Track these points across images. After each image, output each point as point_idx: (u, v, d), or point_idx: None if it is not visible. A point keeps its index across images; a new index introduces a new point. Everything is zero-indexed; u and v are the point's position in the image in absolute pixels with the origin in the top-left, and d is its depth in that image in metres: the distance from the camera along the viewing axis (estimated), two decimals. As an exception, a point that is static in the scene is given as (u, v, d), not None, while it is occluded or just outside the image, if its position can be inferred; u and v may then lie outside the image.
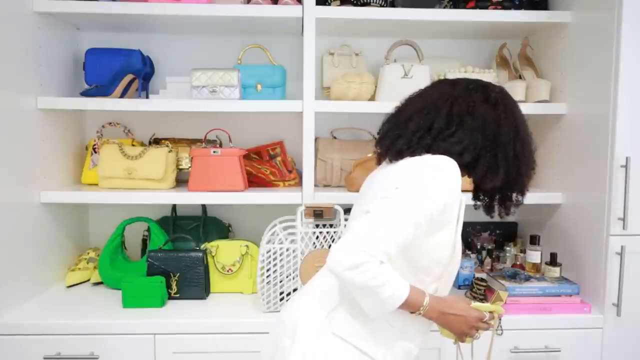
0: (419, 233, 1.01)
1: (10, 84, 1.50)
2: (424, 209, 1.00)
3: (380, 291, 0.97)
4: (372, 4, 1.71)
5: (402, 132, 1.13)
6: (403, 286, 1.01)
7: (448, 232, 1.08)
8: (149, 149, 1.74)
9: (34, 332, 1.44)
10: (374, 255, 0.95)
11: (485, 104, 1.13)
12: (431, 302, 1.05)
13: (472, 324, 1.10)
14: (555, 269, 1.63)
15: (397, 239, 0.97)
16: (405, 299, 1.00)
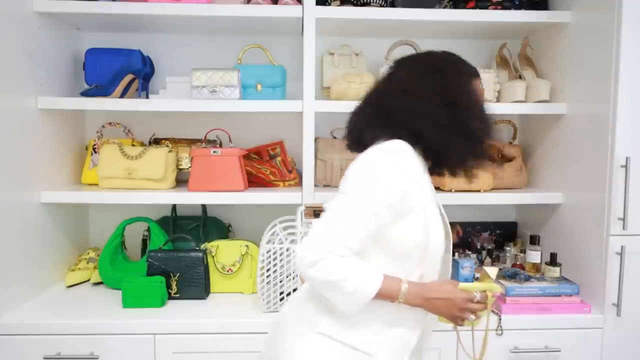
0: (384, 222, 1.02)
1: (10, 84, 1.50)
2: (380, 199, 1.00)
3: (343, 285, 0.98)
4: (372, 4, 1.71)
5: (359, 123, 1.15)
6: (372, 277, 1.01)
7: (416, 216, 1.05)
8: (149, 149, 1.74)
9: (34, 332, 1.44)
10: (331, 250, 0.97)
11: (424, 77, 1.11)
12: (410, 289, 1.03)
13: (461, 306, 1.06)
14: (555, 269, 1.63)
15: (357, 232, 0.99)
16: (377, 290, 1.00)
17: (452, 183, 1.73)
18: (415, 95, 1.08)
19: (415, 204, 1.05)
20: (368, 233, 1.01)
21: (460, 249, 1.95)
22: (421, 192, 1.06)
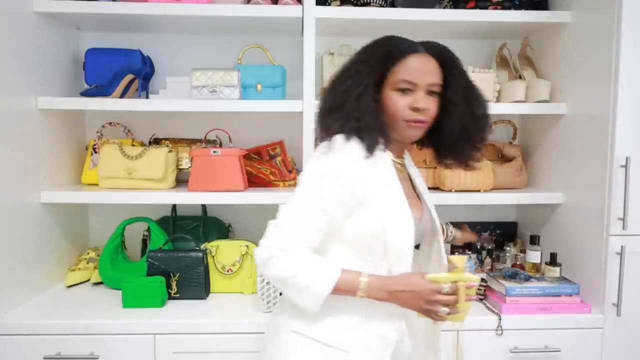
0: (337, 217, 1.03)
1: (10, 84, 1.50)
2: (325, 194, 1.02)
3: (295, 281, 1.00)
4: (372, 4, 1.71)
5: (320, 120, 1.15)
6: (327, 272, 1.01)
7: (371, 208, 1.05)
8: (149, 149, 1.74)
9: (34, 332, 1.44)
10: (280, 248, 1.00)
11: (348, 63, 1.14)
12: (371, 282, 1.02)
13: (428, 299, 1.02)
14: (555, 269, 1.63)
15: (306, 229, 1.02)
16: (332, 284, 1.00)
17: (453, 183, 1.73)
18: (335, 82, 1.12)
19: (367, 195, 1.04)
20: (318, 229, 1.02)
21: (460, 249, 1.95)
22: (373, 183, 1.05)
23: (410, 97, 1.08)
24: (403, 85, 1.08)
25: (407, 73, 1.07)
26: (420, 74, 1.08)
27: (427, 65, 1.09)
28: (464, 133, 1.15)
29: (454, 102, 1.12)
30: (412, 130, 1.10)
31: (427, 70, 1.08)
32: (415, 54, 1.08)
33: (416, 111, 1.08)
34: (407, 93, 1.08)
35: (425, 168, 1.81)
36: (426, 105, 1.08)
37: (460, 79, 1.13)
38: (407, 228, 1.07)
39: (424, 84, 1.08)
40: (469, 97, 1.14)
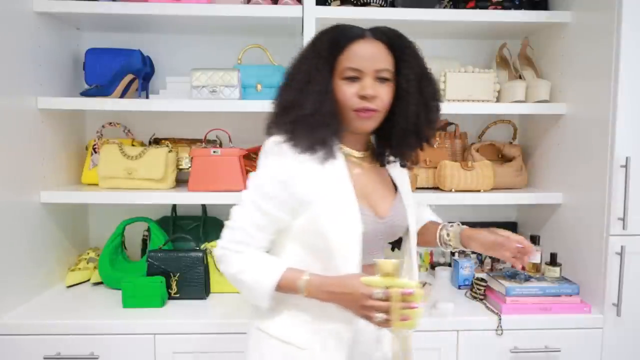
0: (279, 216, 1.04)
1: (10, 84, 1.50)
2: (265, 196, 1.04)
3: (242, 278, 1.04)
4: (372, 4, 1.71)
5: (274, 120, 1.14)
6: (270, 269, 1.03)
7: (315, 208, 1.02)
8: (149, 149, 1.74)
9: (34, 332, 1.44)
10: (227, 247, 1.05)
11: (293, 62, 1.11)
12: (312, 281, 1.01)
13: (361, 303, 0.96)
14: (555, 269, 1.63)
15: (250, 230, 1.05)
16: (275, 281, 1.02)
17: (453, 183, 1.73)
18: (287, 79, 1.08)
19: (309, 195, 1.02)
20: (263, 229, 1.05)
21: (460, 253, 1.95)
22: (314, 182, 1.02)
23: (358, 84, 1.03)
24: (349, 73, 1.03)
25: (353, 60, 1.03)
26: (366, 59, 1.03)
27: (374, 50, 1.04)
28: (416, 125, 1.09)
29: (406, 89, 1.06)
30: (362, 121, 1.05)
31: (373, 56, 1.03)
32: (361, 40, 1.04)
33: (364, 99, 1.03)
34: (354, 81, 1.03)
35: (426, 168, 1.81)
36: (374, 92, 1.03)
37: (413, 65, 1.07)
38: (351, 227, 1.03)
39: (371, 70, 1.03)
40: (421, 86, 1.08)
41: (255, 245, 1.06)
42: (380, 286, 0.94)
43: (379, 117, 1.07)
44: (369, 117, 1.05)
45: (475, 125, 1.99)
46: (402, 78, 1.06)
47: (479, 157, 1.83)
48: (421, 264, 1.99)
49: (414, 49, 1.08)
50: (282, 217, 1.05)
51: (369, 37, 1.05)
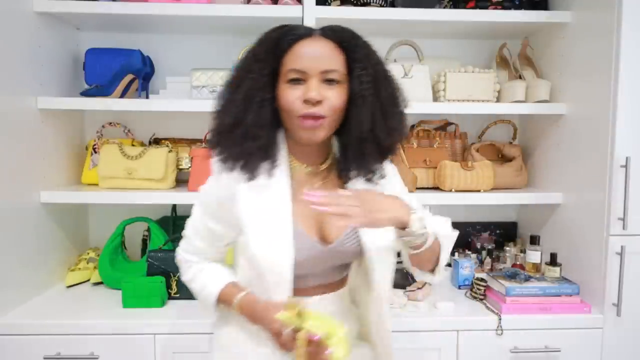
0: (226, 233, 1.03)
1: (10, 84, 1.50)
2: (204, 210, 1.04)
3: (192, 287, 1.08)
4: (372, 4, 1.71)
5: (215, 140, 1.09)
6: (213, 283, 1.05)
7: (248, 229, 0.97)
8: (149, 149, 1.74)
9: (34, 332, 1.44)
10: (181, 255, 1.10)
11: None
12: (243, 302, 0.99)
13: (274, 337, 0.94)
14: (555, 269, 1.63)
15: (197, 243, 1.07)
16: (215, 295, 1.03)
17: (453, 183, 1.73)
18: (226, 90, 1.00)
19: (242, 218, 0.97)
20: (207, 241, 1.06)
21: (460, 249, 1.95)
22: (247, 204, 0.96)
23: (303, 88, 0.92)
24: (292, 75, 0.92)
25: (296, 60, 0.92)
26: (310, 59, 0.92)
27: (321, 49, 0.93)
28: (372, 133, 0.96)
29: (359, 93, 0.94)
30: (307, 130, 0.93)
31: (320, 55, 0.93)
32: (307, 39, 0.94)
33: (308, 104, 0.91)
34: (299, 84, 0.92)
35: (426, 168, 1.81)
36: (319, 95, 0.91)
37: (366, 65, 0.95)
38: (281, 255, 0.95)
39: (317, 71, 0.92)
40: (378, 89, 0.96)
41: (205, 256, 1.08)
42: (292, 325, 0.89)
43: (328, 126, 0.94)
44: (316, 126, 0.93)
45: (475, 125, 1.99)
46: (355, 80, 0.94)
47: (479, 157, 1.83)
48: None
49: (369, 48, 0.98)
50: (225, 233, 1.03)
51: (317, 35, 0.95)
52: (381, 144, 0.98)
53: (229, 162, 0.95)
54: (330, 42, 0.95)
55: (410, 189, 1.71)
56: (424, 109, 1.72)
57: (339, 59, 0.95)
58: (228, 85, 0.97)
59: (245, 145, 0.93)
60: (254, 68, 0.93)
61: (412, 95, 1.68)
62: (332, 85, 0.93)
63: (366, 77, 0.95)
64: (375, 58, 0.98)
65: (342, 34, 0.96)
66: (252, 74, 0.93)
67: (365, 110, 0.94)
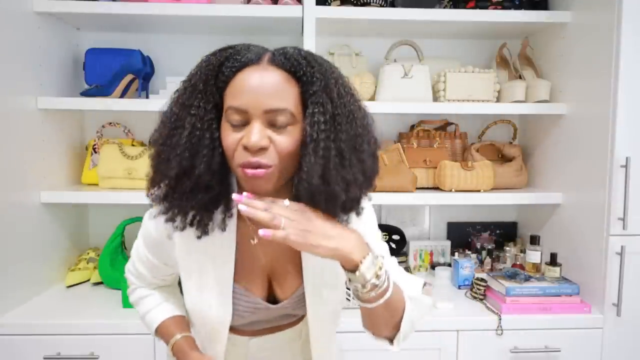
0: (160, 266, 0.96)
1: (10, 84, 1.50)
2: (143, 243, 0.97)
3: (138, 310, 1.05)
4: (372, 4, 1.71)
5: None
6: (154, 316, 1.00)
7: (185, 280, 0.90)
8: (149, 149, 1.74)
9: (34, 332, 1.44)
10: (129, 279, 1.05)
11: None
12: (177, 346, 0.93)
13: None
14: (555, 269, 1.63)
15: (139, 268, 1.00)
16: (154, 329, 0.99)
17: (453, 183, 1.73)
18: (162, 130, 0.81)
19: (180, 267, 0.89)
20: (148, 269, 0.99)
21: (460, 249, 1.95)
22: (187, 255, 0.88)
23: (242, 131, 0.75)
24: (231, 115, 0.75)
25: (236, 96, 0.74)
26: (252, 95, 0.73)
27: (266, 82, 0.74)
28: (323, 188, 0.75)
29: (312, 137, 0.74)
30: (250, 181, 0.75)
31: (264, 90, 0.74)
32: (251, 67, 0.75)
33: (247, 151, 0.74)
34: (241, 124, 0.75)
35: (426, 168, 1.81)
36: (261, 141, 0.73)
37: (325, 101, 0.75)
38: (217, 315, 0.87)
39: (259, 111, 0.73)
40: (336, 130, 0.75)
41: (148, 282, 1.03)
42: None
43: (275, 176, 0.76)
44: (259, 175, 0.74)
45: (475, 125, 1.99)
46: (308, 119, 0.75)
47: (479, 157, 1.84)
48: (421, 264, 1.99)
49: (331, 78, 0.77)
50: (165, 268, 0.97)
51: (264, 63, 0.76)
52: (336, 199, 0.76)
53: (178, 219, 0.80)
54: (281, 71, 0.76)
55: (410, 189, 1.72)
56: (424, 109, 1.73)
57: (290, 94, 0.75)
58: (166, 126, 0.78)
59: (197, 199, 0.77)
60: (194, 103, 0.76)
61: (412, 95, 1.72)
62: (279, 129, 0.75)
63: (321, 115, 0.74)
64: (338, 91, 0.77)
65: (295, 60, 0.76)
66: (193, 110, 0.76)
67: (317, 158, 0.74)
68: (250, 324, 0.93)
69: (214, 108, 0.77)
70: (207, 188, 0.77)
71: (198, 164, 0.75)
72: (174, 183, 0.76)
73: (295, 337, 0.99)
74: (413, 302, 0.85)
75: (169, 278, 1.03)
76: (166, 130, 0.78)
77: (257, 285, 0.90)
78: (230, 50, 0.78)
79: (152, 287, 1.04)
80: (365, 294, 0.75)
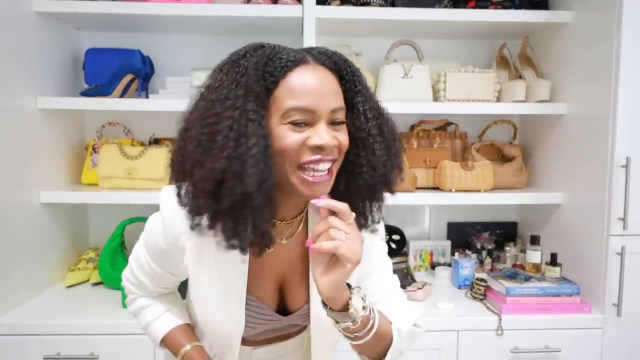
0: (164, 274, 0.91)
1: (10, 84, 1.50)
2: (146, 250, 0.90)
3: (138, 321, 0.99)
4: (372, 3, 1.71)
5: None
6: (160, 325, 0.95)
7: (195, 286, 0.87)
8: (149, 149, 1.74)
9: (34, 332, 1.44)
10: (124, 285, 0.99)
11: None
12: (189, 356, 0.91)
13: None
14: (556, 269, 1.63)
15: (139, 275, 0.94)
16: (160, 339, 0.95)
17: (453, 183, 1.73)
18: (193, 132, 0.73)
19: (190, 274, 0.86)
20: (149, 278, 0.93)
21: (461, 249, 1.95)
22: (199, 264, 0.83)
23: (306, 131, 0.73)
24: (296, 116, 0.72)
25: (299, 96, 0.72)
26: (318, 95, 0.72)
27: (325, 82, 0.74)
28: (385, 177, 0.79)
29: (367, 131, 0.77)
30: (311, 186, 0.73)
31: (326, 90, 0.74)
32: (305, 66, 0.75)
33: (318, 151, 0.72)
34: (302, 126, 0.72)
35: (426, 168, 1.81)
36: (333, 140, 0.73)
37: (367, 98, 0.79)
38: (230, 324, 0.86)
39: (327, 111, 0.73)
40: (380, 123, 0.80)
41: (149, 291, 0.97)
42: None
43: (333, 176, 0.77)
44: (323, 180, 0.74)
45: (475, 125, 1.99)
46: (360, 116, 0.77)
47: (479, 157, 1.83)
48: (421, 264, 2.00)
49: (363, 76, 0.81)
50: (170, 278, 0.92)
51: (313, 63, 0.76)
52: (391, 186, 0.81)
53: (215, 225, 0.73)
54: (329, 71, 0.77)
55: (410, 189, 1.72)
56: (424, 109, 1.72)
57: (340, 93, 0.77)
58: (222, 135, 0.69)
59: (266, 213, 0.72)
60: (249, 106, 0.70)
61: (412, 95, 1.72)
62: (338, 126, 0.75)
63: (369, 112, 0.78)
64: (368, 87, 0.81)
65: (337, 60, 0.79)
66: (251, 115, 0.70)
67: (377, 150, 0.77)
68: (257, 334, 0.92)
69: (263, 109, 0.72)
70: (271, 199, 0.71)
71: (270, 177, 0.70)
72: (248, 199, 0.69)
73: (297, 346, 0.99)
74: (403, 335, 0.85)
75: (172, 286, 1.00)
76: (228, 142, 0.68)
77: (269, 296, 0.88)
78: (268, 49, 0.76)
79: (152, 296, 0.99)
80: (356, 328, 0.75)
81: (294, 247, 0.87)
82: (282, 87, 0.72)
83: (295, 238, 0.87)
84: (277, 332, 0.94)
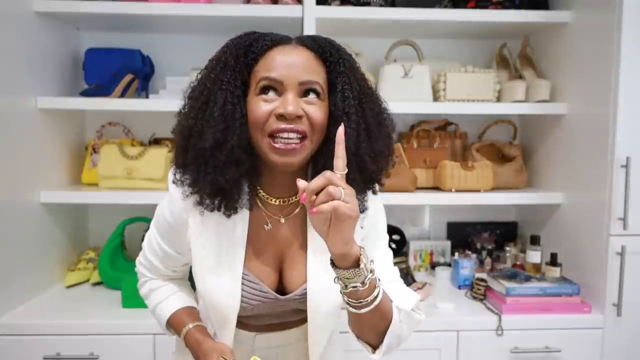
0: (173, 254, 0.97)
1: (10, 84, 1.50)
2: (157, 230, 0.98)
3: (147, 303, 1.05)
4: (372, 3, 1.71)
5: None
6: (165, 307, 1.00)
7: (196, 262, 0.91)
8: (149, 149, 1.74)
9: (34, 332, 1.44)
10: (137, 269, 1.07)
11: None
12: (190, 334, 0.94)
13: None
14: (556, 269, 1.63)
15: (151, 258, 1.01)
16: (166, 319, 0.99)
17: (453, 183, 1.73)
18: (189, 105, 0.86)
19: (192, 250, 0.90)
20: (160, 259, 1.00)
21: (460, 249, 1.95)
22: (199, 238, 0.89)
23: (275, 102, 0.80)
24: (264, 83, 0.79)
25: (270, 67, 0.79)
26: (287, 67, 0.79)
27: (300, 57, 0.81)
28: (356, 157, 0.81)
29: (343, 109, 0.82)
30: (279, 154, 0.79)
31: (298, 64, 0.80)
32: (284, 45, 0.82)
33: (282, 120, 0.78)
34: (272, 96, 0.80)
35: (426, 168, 1.81)
36: (297, 110, 0.78)
37: (352, 79, 0.83)
38: (226, 301, 0.89)
39: (294, 82, 0.79)
40: (362, 106, 0.83)
41: (159, 274, 1.04)
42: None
43: (306, 149, 0.81)
44: (290, 149, 0.79)
45: (475, 125, 1.99)
46: (338, 95, 0.82)
47: (479, 157, 1.83)
48: (421, 264, 2.00)
49: (353, 61, 0.86)
50: (178, 257, 0.97)
51: (294, 43, 0.84)
52: (366, 169, 0.83)
53: (207, 199, 0.83)
54: (309, 51, 0.83)
55: (410, 189, 1.72)
56: (424, 109, 1.72)
57: (320, 72, 0.82)
58: (196, 101, 0.82)
59: (229, 173, 0.80)
60: (224, 78, 0.80)
61: (412, 95, 1.72)
62: (311, 100, 0.80)
63: (351, 92, 0.82)
64: (360, 72, 0.86)
65: (322, 42, 0.84)
66: (224, 85, 0.80)
67: (349, 130, 0.80)
68: (257, 318, 0.95)
69: (243, 84, 0.82)
70: (239, 162, 0.80)
71: (231, 136, 0.79)
72: (208, 155, 0.79)
73: (300, 337, 0.99)
74: (403, 315, 0.86)
75: (180, 269, 1.04)
76: (197, 105, 0.81)
77: (267, 275, 0.92)
78: (257, 33, 0.85)
79: (163, 280, 1.05)
80: (362, 292, 0.76)
81: (292, 226, 0.92)
82: (260, 62, 0.82)
83: (293, 218, 0.91)
84: (278, 318, 0.96)
